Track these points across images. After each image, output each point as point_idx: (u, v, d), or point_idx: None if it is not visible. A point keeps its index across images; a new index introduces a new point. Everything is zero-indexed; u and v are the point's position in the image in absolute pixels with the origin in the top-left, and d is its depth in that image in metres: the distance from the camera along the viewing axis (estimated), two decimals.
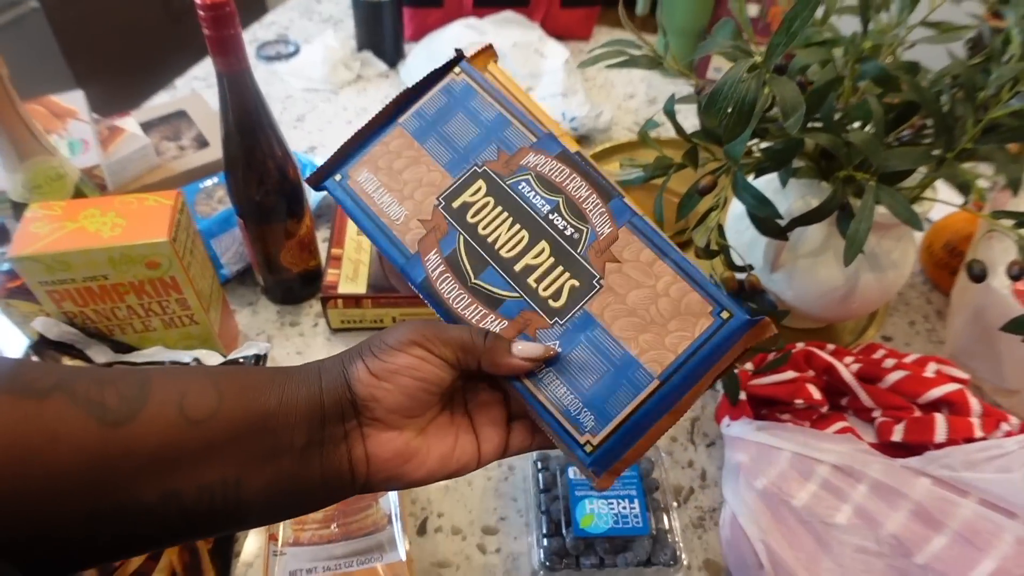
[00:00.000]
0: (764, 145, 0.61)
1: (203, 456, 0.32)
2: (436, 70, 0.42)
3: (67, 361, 0.60)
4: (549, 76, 0.95)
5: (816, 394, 0.60)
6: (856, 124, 0.59)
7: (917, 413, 0.58)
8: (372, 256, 0.74)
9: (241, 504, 0.33)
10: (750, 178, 0.58)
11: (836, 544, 0.51)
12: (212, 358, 0.60)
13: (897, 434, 0.56)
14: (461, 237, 0.39)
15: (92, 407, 0.29)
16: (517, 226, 0.39)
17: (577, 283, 0.38)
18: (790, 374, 0.61)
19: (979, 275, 0.58)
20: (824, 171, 0.64)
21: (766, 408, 0.63)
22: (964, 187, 0.58)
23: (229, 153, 0.63)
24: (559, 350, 0.37)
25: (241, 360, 0.60)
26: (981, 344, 0.69)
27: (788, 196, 0.66)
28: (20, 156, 0.60)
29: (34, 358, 0.59)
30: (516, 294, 0.38)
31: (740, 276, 0.61)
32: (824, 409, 0.60)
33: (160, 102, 1.01)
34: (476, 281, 0.39)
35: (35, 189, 0.61)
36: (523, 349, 0.36)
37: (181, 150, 0.89)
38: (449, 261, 0.39)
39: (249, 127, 0.61)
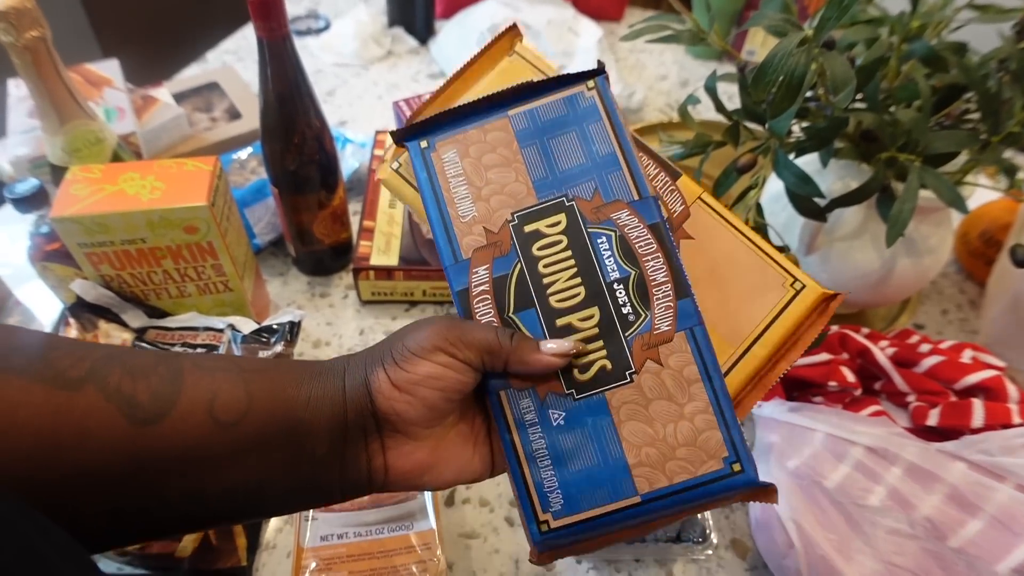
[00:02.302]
0: (804, 125, 0.60)
1: (229, 460, 0.31)
2: (568, 75, 0.38)
3: (103, 325, 0.61)
4: (582, 55, 0.94)
5: (850, 377, 0.59)
6: (899, 106, 0.58)
7: (953, 398, 0.57)
8: (404, 229, 0.74)
9: (261, 504, 0.34)
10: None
11: (869, 526, 0.51)
12: (246, 325, 0.61)
13: (932, 418, 0.56)
14: (519, 264, 0.36)
15: (123, 403, 0.29)
16: (578, 279, 0.36)
17: (609, 366, 0.35)
18: (824, 356, 0.61)
19: (1022, 260, 0.57)
20: (864, 153, 0.63)
21: (798, 391, 0.63)
22: (1010, 171, 0.57)
23: (267, 121, 0.63)
24: (561, 423, 0.35)
25: (276, 327, 0.60)
26: (1019, 333, 0.68)
27: (826, 178, 0.65)
28: (61, 119, 0.60)
29: (71, 320, 0.60)
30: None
31: None
32: (857, 392, 0.60)
33: (191, 74, 1.02)
34: (512, 315, 0.36)
35: (74, 153, 0.61)
36: (553, 347, 0.34)
37: (213, 122, 0.89)
38: (496, 283, 0.36)
39: (288, 95, 0.61)
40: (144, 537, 0.33)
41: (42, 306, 0.72)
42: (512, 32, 0.43)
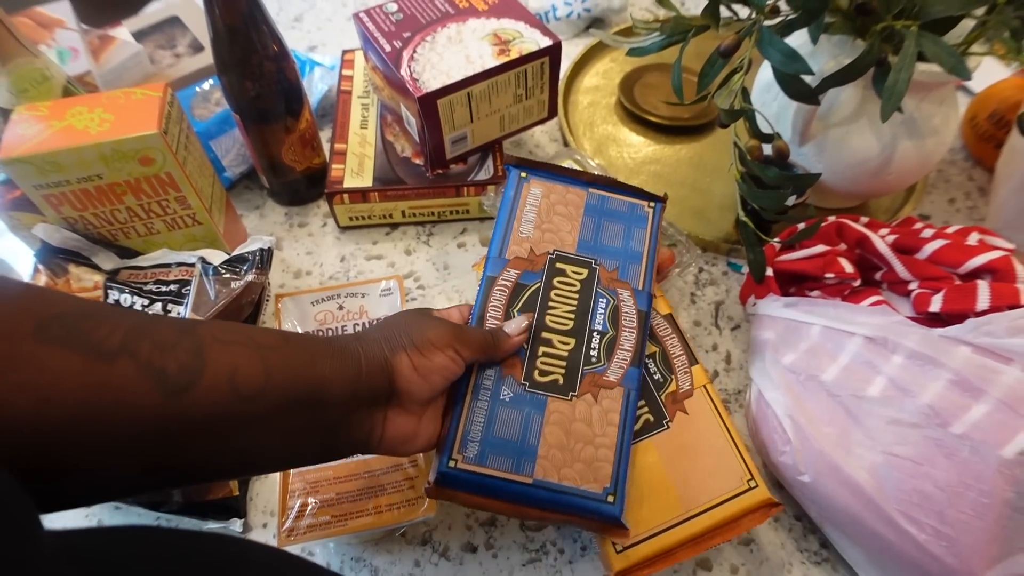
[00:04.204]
0: None
1: (248, 428, 0.34)
2: (640, 190, 0.54)
3: (73, 269, 0.59)
4: None
5: (848, 268, 0.56)
6: None
7: (958, 283, 0.54)
8: (377, 149, 0.70)
9: (269, 463, 0.39)
10: None
11: (868, 417, 0.49)
12: (216, 256, 0.59)
13: (935, 304, 0.53)
14: (540, 284, 0.48)
15: (155, 374, 0.30)
16: (572, 315, 0.48)
17: (561, 382, 0.45)
18: (820, 248, 0.58)
19: None
20: (859, 28, 0.58)
21: (795, 286, 0.60)
22: (1017, 33, 0.52)
23: (219, 50, 0.60)
24: (507, 400, 0.44)
25: (247, 255, 0.58)
26: None
27: (819, 59, 0.61)
28: (2, 60, 0.57)
29: (40, 267, 0.58)
30: (524, 347, 0.46)
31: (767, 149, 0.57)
32: (856, 283, 0.57)
33: (152, 10, 0.97)
34: (514, 312, 0.47)
35: (21, 93, 0.58)
36: (514, 327, 0.46)
37: (177, 57, 0.85)
38: (517, 286, 0.48)
39: (239, 23, 0.57)
40: (164, 487, 0.38)
41: (19, 258, 0.70)
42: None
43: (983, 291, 0.51)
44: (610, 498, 0.43)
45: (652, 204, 0.53)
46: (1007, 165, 0.65)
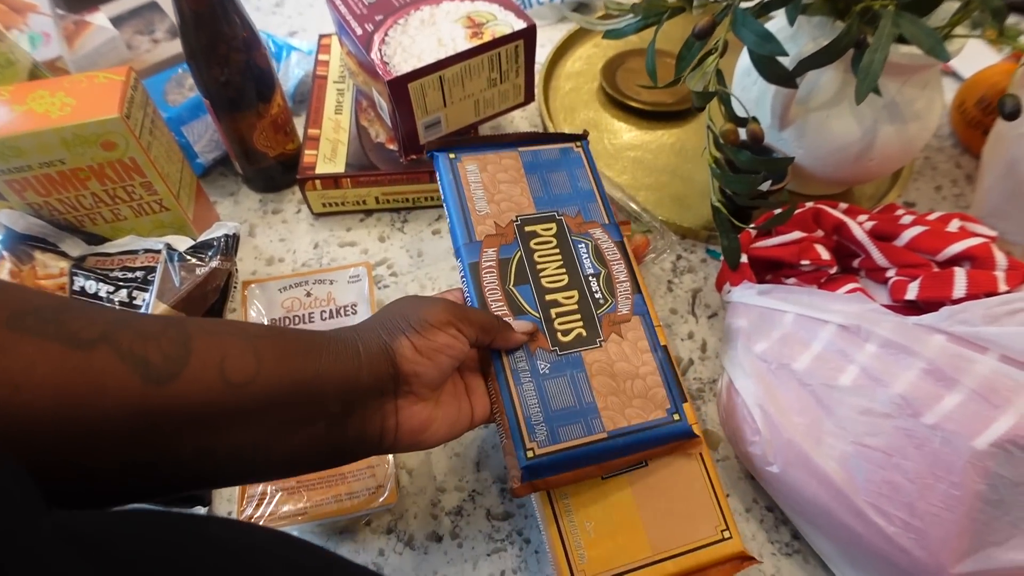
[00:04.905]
0: None
1: (239, 419, 0.32)
2: (563, 135, 0.54)
3: (39, 255, 0.58)
4: None
5: (824, 254, 0.55)
6: None
7: (936, 270, 0.53)
8: (351, 135, 0.69)
9: (270, 463, 0.35)
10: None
11: (839, 407, 0.48)
12: (182, 243, 0.58)
13: (911, 291, 0.51)
14: (519, 252, 0.48)
15: (137, 363, 0.29)
16: (563, 269, 0.48)
17: (585, 333, 0.46)
18: (796, 234, 0.57)
19: (1013, 111, 0.51)
20: (840, 11, 0.57)
21: (771, 273, 0.59)
22: (998, 14, 0.51)
23: (187, 39, 0.59)
24: (547, 371, 0.44)
25: (212, 242, 0.57)
26: (1013, 202, 0.63)
27: (799, 41, 0.59)
28: None
29: (4, 254, 0.58)
30: (537, 314, 0.46)
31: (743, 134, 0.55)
32: (833, 271, 0.56)
33: None
34: (512, 287, 0.46)
35: None
36: (520, 325, 0.45)
37: (155, 43, 0.84)
38: (501, 263, 0.47)
39: (206, 8, 0.56)
40: (154, 494, 0.34)
41: None
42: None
43: (959, 278, 0.50)
44: (675, 416, 0.45)
45: (579, 143, 0.55)
46: (992, 152, 0.64)
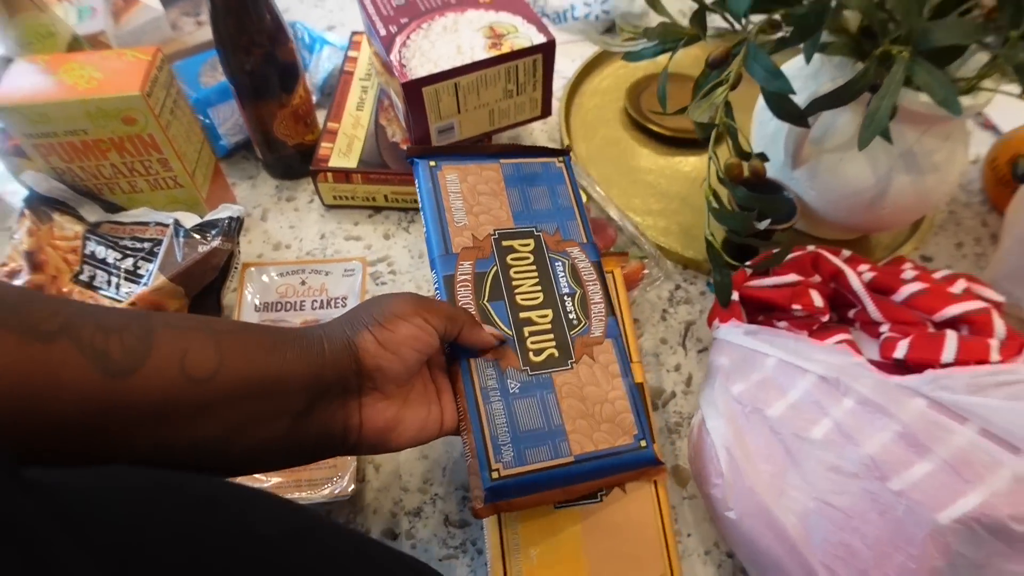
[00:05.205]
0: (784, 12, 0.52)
1: (199, 414, 0.32)
2: (545, 148, 0.54)
3: (57, 217, 0.61)
4: None
5: (818, 301, 0.54)
6: None
7: (931, 331, 0.51)
8: (368, 132, 0.71)
9: (230, 459, 0.35)
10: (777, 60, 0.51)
11: (807, 460, 0.47)
12: (190, 220, 0.60)
13: (900, 350, 0.50)
14: (495, 268, 0.47)
15: (96, 356, 0.29)
16: (539, 287, 0.47)
17: (557, 354, 0.45)
18: (792, 277, 0.55)
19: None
20: (861, 53, 0.55)
21: (763, 314, 0.57)
22: (1020, 69, 0.49)
23: (216, 27, 0.61)
24: (517, 391, 0.43)
25: (216, 222, 0.59)
26: None
27: (819, 80, 0.58)
28: (10, 12, 0.60)
29: (26, 212, 0.61)
30: (510, 332, 0.45)
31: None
32: (825, 319, 0.54)
33: None
34: (486, 303, 0.45)
35: (27, 46, 0.61)
36: (492, 330, 0.44)
37: (199, 25, 0.87)
38: (476, 277, 0.46)
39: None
40: None
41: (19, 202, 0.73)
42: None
43: (951, 342, 0.48)
44: (642, 443, 0.44)
45: (561, 159, 0.53)
46: (1016, 212, 0.61)
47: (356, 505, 0.54)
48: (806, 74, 0.60)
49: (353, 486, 0.50)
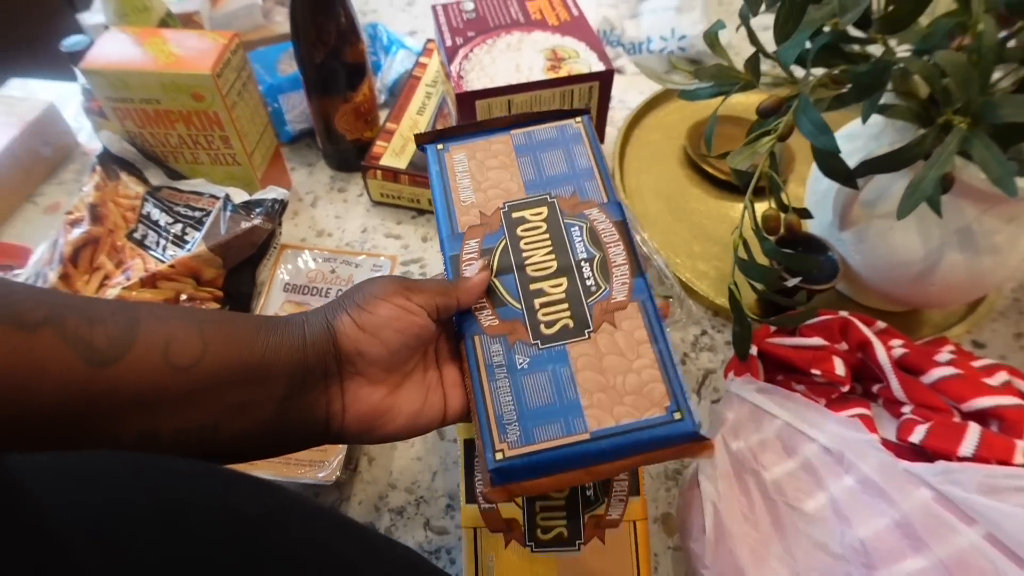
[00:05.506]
0: (844, 68, 0.51)
1: (183, 401, 0.32)
2: (560, 111, 0.49)
3: (124, 177, 0.66)
4: None
5: (840, 369, 0.51)
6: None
7: (956, 419, 0.47)
8: None
9: (216, 447, 0.34)
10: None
11: (795, 533, 0.44)
12: (239, 196, 0.63)
13: (917, 435, 0.47)
14: (504, 241, 0.44)
15: (80, 345, 0.29)
16: (552, 256, 0.43)
17: (572, 324, 0.41)
18: (817, 341, 0.53)
19: None
20: (924, 120, 0.52)
21: (783, 374, 0.55)
22: None
23: (293, 20, 0.64)
24: (526, 366, 0.40)
25: (262, 201, 0.62)
26: None
27: (881, 141, 0.56)
28: None
29: (98, 168, 0.66)
30: (519, 305, 0.41)
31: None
32: (846, 389, 0.52)
33: None
34: (494, 278, 0.42)
35: (123, 17, 0.66)
36: (474, 269, 0.42)
37: None
38: (483, 253, 0.43)
39: None
40: None
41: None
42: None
43: (972, 435, 0.44)
44: (676, 415, 0.38)
45: (579, 118, 0.49)
46: None
47: (343, 492, 0.55)
48: (868, 134, 0.58)
49: (339, 473, 0.51)
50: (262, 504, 0.30)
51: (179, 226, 0.63)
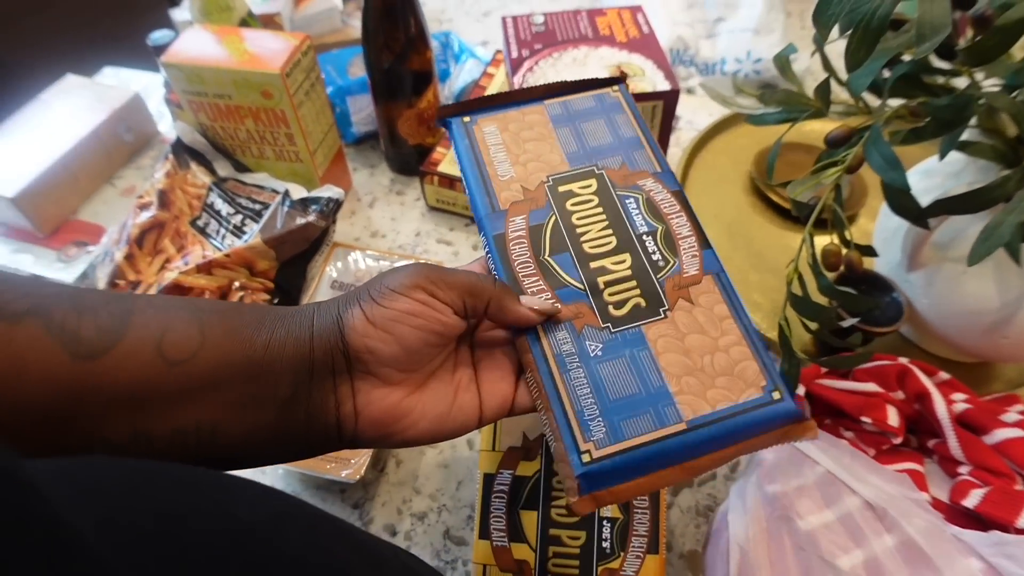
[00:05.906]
0: (923, 100, 0.48)
1: (178, 399, 0.30)
2: (593, 80, 0.45)
3: (194, 166, 0.69)
4: (747, 9, 0.84)
5: (893, 419, 0.48)
6: None
7: (1019, 487, 0.44)
8: None
9: (217, 449, 0.31)
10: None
11: None
12: (297, 192, 0.65)
13: (972, 499, 0.43)
14: (554, 216, 0.40)
15: (66, 337, 0.28)
16: (609, 231, 0.39)
17: (644, 303, 0.37)
18: (871, 386, 0.50)
19: None
20: (1017, 160, 0.49)
21: (831, 419, 0.52)
22: None
23: (365, 25, 0.66)
24: (600, 353, 0.35)
25: (317, 198, 0.64)
26: None
27: (961, 179, 0.52)
28: None
29: (170, 156, 0.69)
30: (581, 286, 0.37)
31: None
32: (898, 440, 0.48)
33: None
34: (548, 258, 0.38)
35: (206, 15, 0.69)
36: (531, 300, 0.35)
37: None
38: (532, 231, 0.39)
39: (384, 5, 0.63)
40: None
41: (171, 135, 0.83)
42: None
43: None
44: (775, 394, 0.35)
45: (616, 87, 0.46)
46: None
47: (368, 492, 0.55)
48: (947, 171, 0.54)
49: (363, 473, 0.51)
50: (263, 510, 0.28)
51: (239, 217, 0.66)
